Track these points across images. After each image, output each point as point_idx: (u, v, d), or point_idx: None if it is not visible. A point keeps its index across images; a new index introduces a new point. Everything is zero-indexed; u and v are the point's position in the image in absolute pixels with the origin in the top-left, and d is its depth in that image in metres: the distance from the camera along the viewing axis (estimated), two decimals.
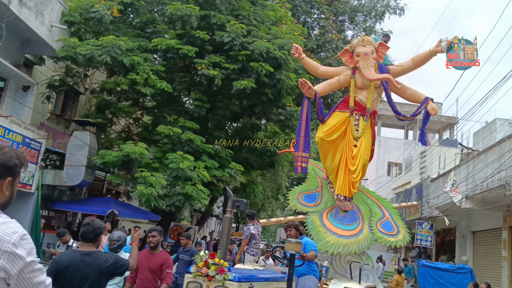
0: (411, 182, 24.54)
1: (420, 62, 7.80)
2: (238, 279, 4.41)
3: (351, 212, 7.89)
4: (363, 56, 7.67)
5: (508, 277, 13.41)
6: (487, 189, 11.97)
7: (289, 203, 8.18)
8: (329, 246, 7.20)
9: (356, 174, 7.56)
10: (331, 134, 7.63)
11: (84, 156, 12.87)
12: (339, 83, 8.02)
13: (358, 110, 7.79)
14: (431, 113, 7.56)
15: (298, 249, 4.81)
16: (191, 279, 4.53)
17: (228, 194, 5.86)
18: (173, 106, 14.31)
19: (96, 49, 11.96)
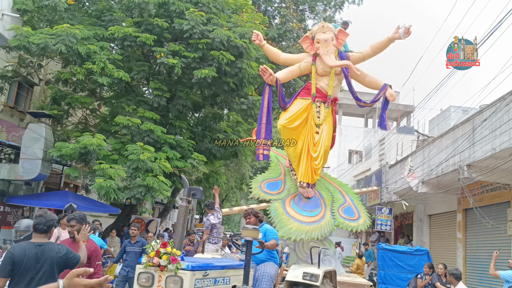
0: (371, 169, 25.11)
1: (379, 49, 7.87)
2: (191, 268, 4.29)
3: (314, 199, 7.92)
4: (324, 43, 7.70)
5: (463, 257, 13.98)
6: (441, 174, 12.38)
7: (252, 191, 8.15)
8: (292, 233, 7.21)
9: (318, 160, 7.62)
10: (293, 121, 7.64)
11: (40, 149, 12.44)
12: (300, 70, 8.03)
13: (320, 97, 7.82)
14: (390, 99, 7.67)
15: (255, 236, 4.75)
16: (143, 269, 4.37)
17: (184, 182, 5.79)
18: (131, 96, 14.01)
19: (50, 38, 11.53)
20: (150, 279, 4.30)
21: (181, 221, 5.47)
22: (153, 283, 4.30)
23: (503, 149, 9.45)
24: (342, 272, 8.18)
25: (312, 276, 5.31)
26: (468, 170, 10.96)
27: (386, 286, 11.92)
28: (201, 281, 4.42)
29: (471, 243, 13.71)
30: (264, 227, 6.18)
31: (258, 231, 4.92)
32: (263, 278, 5.65)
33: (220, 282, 4.78)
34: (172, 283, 4.22)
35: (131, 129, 12.39)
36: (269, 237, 5.96)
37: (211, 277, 4.59)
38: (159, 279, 4.28)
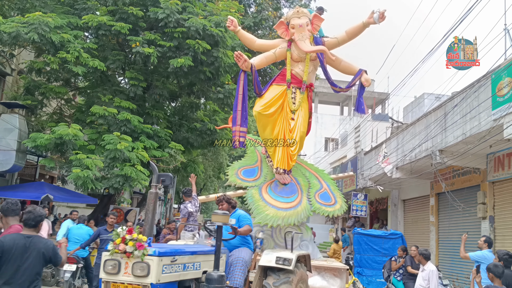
0: (346, 156, 25.48)
1: (354, 34, 7.84)
2: (158, 254, 4.21)
3: (290, 185, 7.96)
4: (298, 28, 7.66)
5: (435, 240, 14.42)
6: (415, 159, 12.71)
7: (228, 178, 8.16)
8: (269, 219, 7.22)
9: (294, 147, 7.62)
10: (268, 108, 7.63)
11: (14, 140, 12.27)
12: (275, 56, 7.98)
13: (295, 83, 7.81)
14: (365, 84, 7.70)
15: (225, 221, 4.75)
16: (109, 257, 4.27)
17: (153, 168, 5.72)
18: (107, 86, 13.88)
19: (22, 26, 11.31)
20: (117, 266, 4.22)
21: (151, 208, 5.42)
22: (119, 270, 4.22)
23: (473, 134, 9.76)
24: (319, 256, 8.21)
25: (285, 260, 5.30)
26: (440, 155, 11.28)
27: (362, 269, 12.24)
28: (169, 267, 4.35)
29: (443, 226, 14.15)
30: (237, 212, 6.16)
31: (228, 216, 4.90)
32: (237, 263, 5.63)
33: (189, 268, 4.73)
34: (139, 270, 4.15)
35: (108, 119, 12.30)
36: (243, 222, 5.94)
37: (179, 262, 4.52)
38: (125, 266, 4.20)
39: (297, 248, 7.61)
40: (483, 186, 11.71)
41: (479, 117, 9.53)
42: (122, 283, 4.19)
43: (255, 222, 7.22)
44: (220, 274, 4.59)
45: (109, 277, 4.24)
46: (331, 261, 8.57)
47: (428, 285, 7.96)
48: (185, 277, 4.65)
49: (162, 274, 4.22)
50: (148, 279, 4.12)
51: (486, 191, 11.54)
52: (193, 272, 4.79)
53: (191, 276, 4.77)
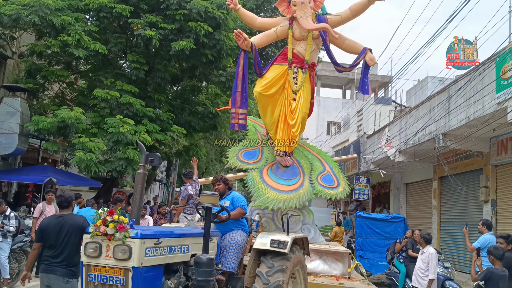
0: (349, 140, 25.46)
1: (358, 11, 7.55)
2: (141, 236, 4.01)
3: (292, 167, 7.80)
4: (300, 5, 7.39)
5: (437, 223, 14.47)
6: (418, 143, 12.68)
7: (229, 160, 7.98)
8: (269, 202, 7.05)
9: (295, 128, 7.44)
10: (269, 88, 7.42)
11: (16, 123, 12.26)
12: (277, 35, 7.70)
13: (297, 62, 7.59)
14: (369, 63, 7.42)
15: (214, 202, 4.57)
16: (89, 239, 4.09)
17: (140, 148, 5.49)
18: (109, 69, 13.82)
19: (23, 8, 11.22)
20: (98, 249, 4.04)
21: (139, 189, 5.18)
22: (101, 253, 4.04)
23: (477, 117, 9.71)
24: (321, 240, 8.07)
25: (280, 243, 5.09)
26: (443, 139, 11.25)
27: (364, 253, 12.30)
28: (153, 250, 4.15)
29: (446, 210, 14.18)
30: (231, 194, 5.93)
31: (218, 197, 4.70)
32: (230, 246, 5.45)
33: (176, 251, 4.51)
34: (120, 253, 3.97)
35: (110, 102, 12.28)
36: (237, 205, 5.72)
37: (165, 245, 4.30)
38: (107, 249, 4.03)
39: (299, 231, 7.50)
40: (485, 169, 11.69)
41: (483, 101, 9.48)
42: (104, 266, 4.03)
43: (256, 204, 7.12)
44: (209, 257, 4.44)
45: (90, 261, 4.08)
46: (333, 245, 8.45)
47: (428, 267, 8.01)
48: (172, 260, 4.47)
49: (145, 257, 4.04)
50: (129, 262, 3.96)
51: (488, 174, 11.53)
52: (180, 256, 4.59)
53: (178, 260, 4.58)
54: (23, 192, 16.44)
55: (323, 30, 7.39)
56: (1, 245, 8.11)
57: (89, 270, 4.11)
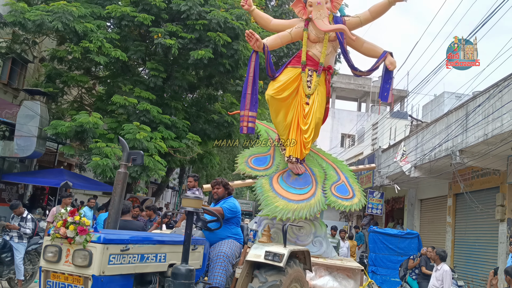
0: (363, 153, 25.32)
1: (378, 13, 7.21)
2: (103, 241, 3.56)
3: (304, 175, 7.38)
4: (316, 6, 7.09)
5: (451, 241, 14.28)
6: (434, 159, 12.57)
7: (238, 166, 7.53)
8: (278, 212, 6.60)
9: (308, 134, 7.07)
10: (281, 92, 7.06)
11: (35, 127, 12.44)
12: (291, 36, 7.38)
13: (311, 65, 7.23)
14: (390, 67, 7.07)
15: (197, 206, 4.12)
16: (49, 242, 3.65)
17: (122, 145, 5.17)
18: (128, 76, 14.01)
19: (47, 15, 11.45)
20: (57, 253, 3.61)
21: (119, 190, 4.76)
22: (60, 258, 3.61)
23: (495, 135, 9.61)
24: (334, 255, 7.58)
25: (276, 255, 4.64)
26: (460, 156, 11.14)
27: (377, 268, 12.20)
28: (119, 257, 3.68)
29: (460, 227, 14.00)
30: (227, 200, 5.52)
31: (201, 200, 4.23)
32: (217, 259, 4.97)
33: (150, 259, 4.03)
34: (80, 258, 3.53)
35: (128, 108, 12.42)
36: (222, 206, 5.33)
37: (135, 252, 3.84)
38: (67, 253, 3.59)
39: (310, 245, 7.13)
40: (502, 188, 11.53)
41: (502, 118, 9.38)
42: (63, 273, 3.61)
43: (263, 214, 6.75)
44: (188, 268, 3.98)
45: (49, 266, 3.66)
46: (346, 260, 7.96)
47: (442, 285, 7.90)
48: (144, 270, 4.00)
49: (108, 265, 3.60)
50: (89, 270, 3.51)
51: (505, 193, 11.37)
52: (155, 265, 4.11)
53: (153, 269, 4.10)
54: (39, 195, 16.64)
55: (339, 31, 7.09)
56: (17, 247, 8.22)
57: (48, 277, 3.70)
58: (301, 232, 7.16)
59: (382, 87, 7.26)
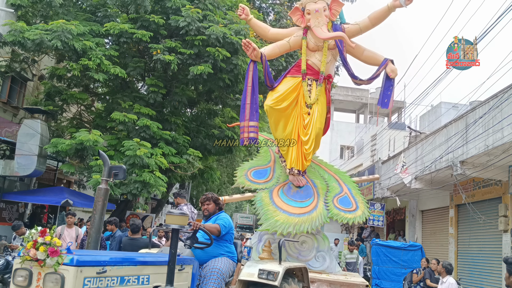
0: (363, 165, 25.31)
1: (378, 19, 7.09)
2: (77, 263, 3.30)
3: (305, 188, 7.18)
4: (314, 14, 6.96)
5: (454, 252, 14.21)
6: (435, 170, 12.56)
7: (237, 180, 7.33)
8: (278, 226, 6.38)
9: (308, 145, 6.89)
10: (281, 102, 6.89)
11: (36, 145, 12.42)
12: (290, 45, 7.24)
13: (311, 74, 7.08)
14: (391, 75, 6.91)
15: (183, 223, 3.87)
16: (19, 265, 3.40)
17: (103, 159, 4.90)
18: (127, 92, 14.01)
19: (46, 33, 11.48)
20: (28, 277, 3.35)
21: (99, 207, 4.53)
22: (31, 282, 3.34)
23: (496, 146, 9.63)
24: (338, 270, 7.36)
25: (270, 273, 4.42)
26: (461, 167, 11.14)
27: (380, 281, 12.11)
28: (95, 280, 3.41)
29: (463, 238, 13.94)
30: (219, 215, 5.32)
31: (187, 217, 3.98)
32: (212, 274, 4.73)
33: (131, 282, 3.75)
34: (51, 283, 3.26)
35: (127, 125, 12.40)
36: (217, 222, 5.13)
37: (113, 275, 3.58)
38: (38, 277, 3.32)
39: (313, 260, 6.96)
40: (504, 198, 11.52)
41: (502, 129, 9.40)
42: None
43: (263, 228, 6.54)
44: None
45: None
46: (350, 275, 7.65)
47: None
48: None
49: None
50: None
51: (508, 203, 11.35)
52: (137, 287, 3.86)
53: None
54: (39, 213, 16.55)
55: (338, 39, 6.96)
56: None
57: None
58: (303, 247, 6.96)
59: (382, 94, 7.08)
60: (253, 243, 6.91)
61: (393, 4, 6.77)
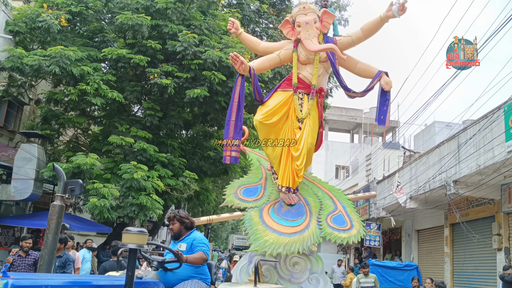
0: (358, 184, 25.43)
1: (371, 31, 6.84)
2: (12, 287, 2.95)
3: (297, 206, 6.85)
4: (305, 26, 6.77)
5: (450, 271, 14.26)
6: (429, 190, 12.71)
7: (226, 198, 7.00)
8: (268, 246, 6.05)
9: (300, 160, 6.59)
10: (271, 116, 6.63)
11: (32, 169, 12.48)
12: (280, 58, 6.97)
13: (303, 88, 6.82)
14: (385, 87, 6.65)
15: (140, 242, 3.47)
16: None
17: (57, 172, 4.59)
18: (124, 116, 14.17)
19: (44, 59, 11.68)
20: None
21: (53, 226, 4.19)
22: None
23: (488, 165, 9.81)
24: None
25: None
26: (454, 186, 11.30)
27: None
28: None
29: (458, 257, 14.02)
30: (192, 235, 5.03)
31: (146, 236, 3.59)
32: None
33: None
34: None
35: (124, 148, 12.52)
36: (197, 248, 4.78)
37: None
38: None
39: (306, 282, 6.57)
40: (498, 217, 11.66)
41: (493, 149, 9.60)
42: None
43: (251, 249, 6.20)
44: None
45: None
46: None
47: None
48: None
49: None
50: None
51: (501, 222, 11.49)
52: None
53: None
54: (35, 237, 16.46)
55: (329, 51, 6.76)
56: None
57: None
58: (295, 269, 6.59)
59: (378, 110, 6.80)
60: (243, 265, 6.62)
61: (386, 14, 6.59)
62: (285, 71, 14.75)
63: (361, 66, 6.96)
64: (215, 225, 48.31)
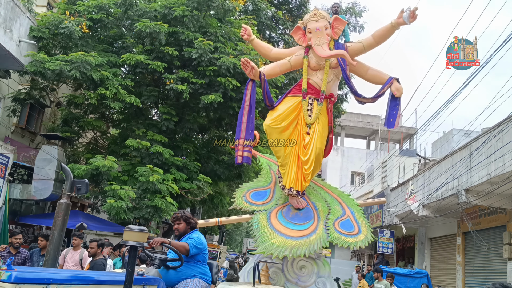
0: (373, 191, 25.41)
1: (382, 37, 6.90)
2: (16, 280, 3.07)
3: (305, 210, 6.97)
4: (315, 32, 6.88)
5: (462, 280, 14.23)
6: (441, 198, 12.75)
7: (235, 201, 7.13)
8: (274, 249, 6.13)
9: (308, 165, 6.69)
10: (280, 121, 6.76)
11: (53, 170, 12.91)
12: (290, 64, 7.12)
13: (312, 93, 6.96)
14: (396, 94, 6.70)
15: (141, 240, 3.60)
16: None
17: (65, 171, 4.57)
18: (141, 119, 14.55)
19: (65, 64, 12.11)
20: None
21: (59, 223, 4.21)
22: None
23: (498, 174, 9.84)
24: None
25: None
26: (466, 195, 11.33)
27: None
28: None
29: (470, 266, 13.98)
30: (192, 234, 5.16)
31: (146, 234, 3.73)
32: None
33: None
34: None
35: (141, 151, 12.87)
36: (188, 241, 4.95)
37: None
38: None
39: (313, 286, 6.61)
40: (509, 226, 11.64)
41: (504, 158, 9.64)
42: None
43: (258, 251, 6.28)
44: None
45: None
46: None
47: None
48: None
49: None
50: None
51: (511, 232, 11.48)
52: None
53: None
54: None
55: (339, 57, 6.86)
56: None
57: None
58: (302, 272, 6.65)
59: (388, 113, 6.87)
60: (250, 267, 6.68)
61: (397, 21, 6.64)
62: (299, 77, 14.95)
63: (372, 72, 7.05)
64: (229, 229, 48.50)
